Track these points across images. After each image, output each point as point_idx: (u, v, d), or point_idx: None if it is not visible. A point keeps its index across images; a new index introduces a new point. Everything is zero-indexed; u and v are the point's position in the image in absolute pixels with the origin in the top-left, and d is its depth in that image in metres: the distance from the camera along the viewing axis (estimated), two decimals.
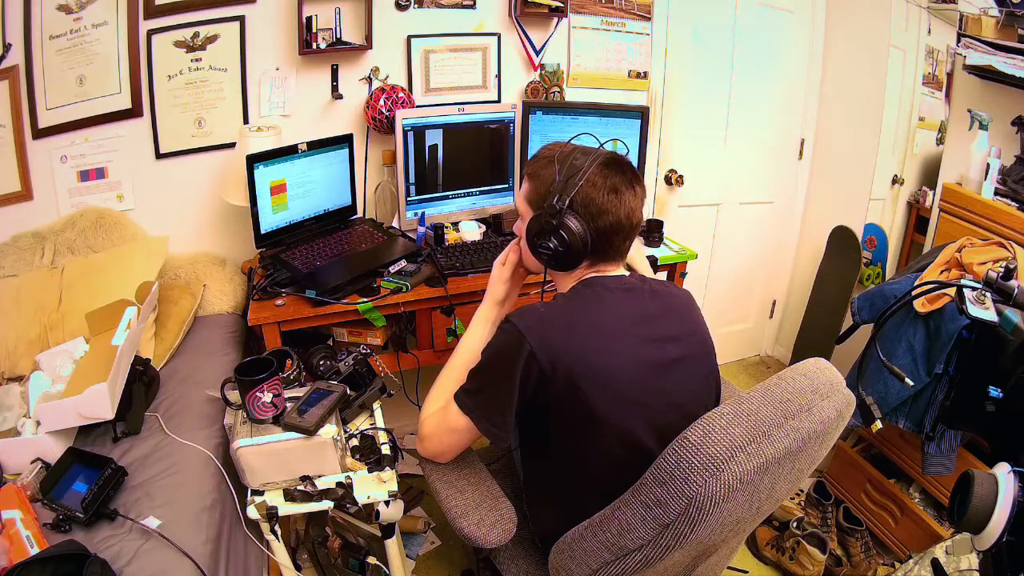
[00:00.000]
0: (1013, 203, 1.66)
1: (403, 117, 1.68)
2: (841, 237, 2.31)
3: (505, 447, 1.33)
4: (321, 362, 1.44)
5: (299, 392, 1.28)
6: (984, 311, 0.93)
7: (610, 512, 0.87)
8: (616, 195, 0.99)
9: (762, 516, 0.98)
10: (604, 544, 0.87)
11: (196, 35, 1.66)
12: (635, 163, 1.60)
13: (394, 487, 1.24)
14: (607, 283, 1.04)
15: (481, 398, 1.01)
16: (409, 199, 1.77)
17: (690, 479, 0.76)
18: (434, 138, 1.74)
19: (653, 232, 1.89)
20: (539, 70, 1.99)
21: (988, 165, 1.71)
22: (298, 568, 1.51)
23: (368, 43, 1.76)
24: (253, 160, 1.50)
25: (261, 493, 1.20)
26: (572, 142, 1.09)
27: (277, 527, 1.23)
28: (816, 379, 0.88)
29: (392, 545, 1.35)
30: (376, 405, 1.40)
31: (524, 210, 1.10)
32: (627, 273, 1.08)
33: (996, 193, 1.71)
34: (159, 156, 1.72)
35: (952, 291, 1.25)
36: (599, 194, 0.99)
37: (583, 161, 1.01)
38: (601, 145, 1.08)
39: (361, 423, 1.35)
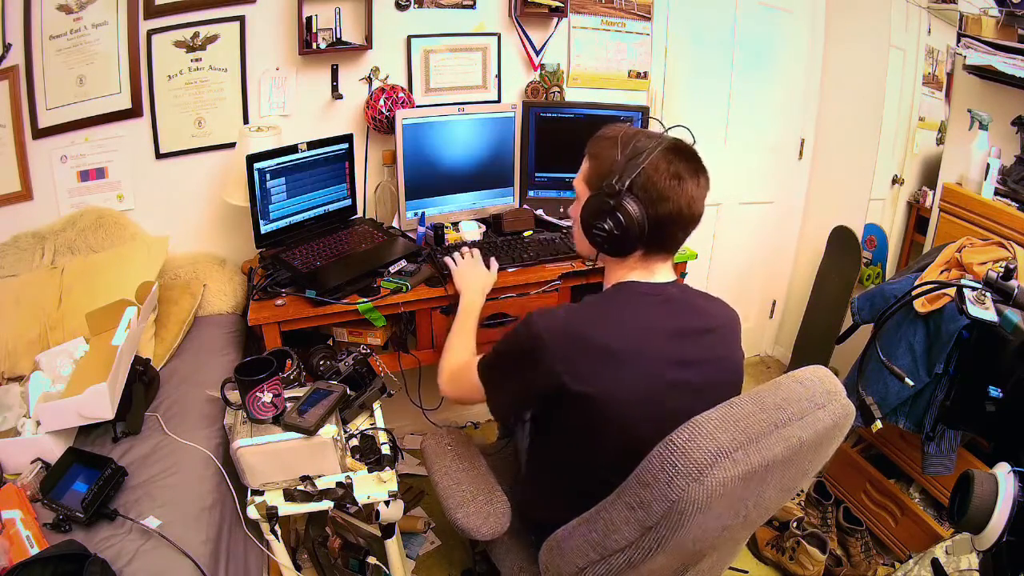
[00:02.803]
0: (1013, 203, 1.66)
1: (403, 117, 1.68)
2: (841, 237, 2.31)
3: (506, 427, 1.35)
4: (321, 362, 1.44)
5: (299, 392, 1.28)
6: (984, 311, 0.93)
7: (596, 511, 0.87)
8: (679, 182, 0.94)
9: (751, 525, 0.97)
10: (590, 543, 0.87)
11: (196, 35, 1.66)
12: None
13: (394, 487, 1.24)
14: (644, 289, 1.00)
15: (496, 379, 1.05)
16: (409, 199, 1.77)
17: (673, 483, 0.75)
18: (434, 138, 1.75)
19: None
20: (539, 70, 1.98)
21: (988, 165, 1.71)
22: (298, 568, 1.51)
23: (368, 43, 1.76)
24: (253, 160, 1.50)
25: (261, 493, 1.20)
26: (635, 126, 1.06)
27: (277, 527, 1.23)
28: (813, 387, 0.86)
29: (392, 545, 1.35)
30: (376, 405, 1.40)
31: (581, 191, 1.06)
32: (670, 280, 1.03)
33: (996, 193, 1.71)
34: (159, 156, 1.72)
35: (952, 291, 1.25)
36: (661, 179, 0.94)
37: (647, 143, 0.97)
38: (667, 130, 1.03)
39: (361, 423, 1.35)
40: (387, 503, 1.23)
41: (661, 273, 1.03)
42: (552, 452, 1.09)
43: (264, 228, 1.57)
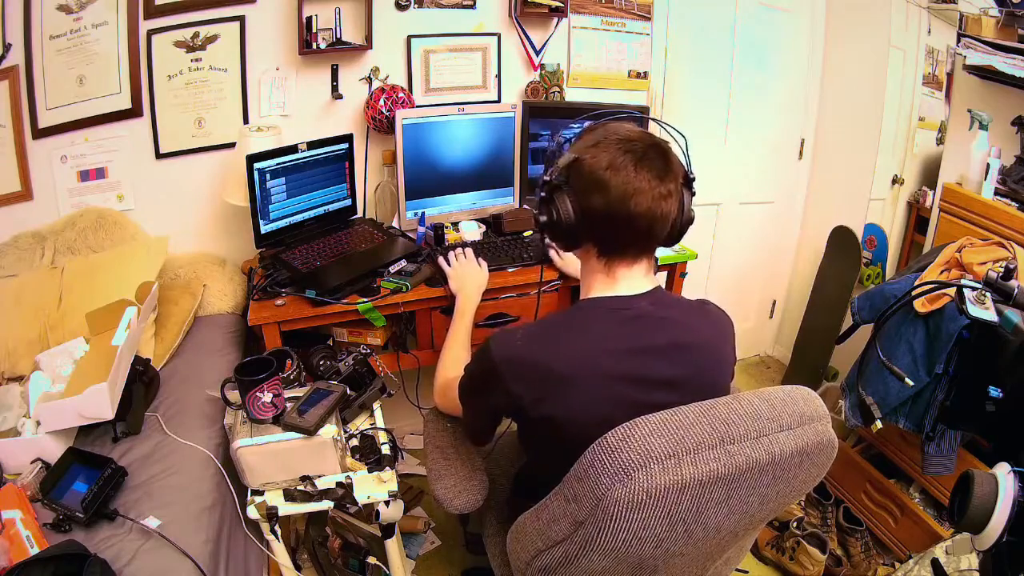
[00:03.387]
0: (1013, 203, 1.66)
1: (403, 117, 1.68)
2: (841, 237, 2.31)
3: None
4: (321, 362, 1.44)
5: (299, 392, 1.28)
6: (984, 311, 0.93)
7: (544, 501, 0.87)
8: (612, 172, 0.87)
9: (709, 553, 0.92)
10: (537, 531, 0.88)
11: (196, 35, 1.66)
12: None
13: (394, 487, 1.24)
14: (609, 305, 0.94)
15: (467, 400, 1.06)
16: (409, 199, 1.77)
17: (600, 480, 0.74)
18: (434, 138, 1.75)
19: None
20: (539, 70, 1.98)
21: (988, 165, 1.71)
22: (298, 568, 1.51)
23: (368, 43, 1.76)
24: (253, 160, 1.50)
25: (261, 493, 1.20)
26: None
27: (277, 527, 1.23)
28: (781, 408, 0.80)
29: (392, 545, 1.35)
30: (376, 405, 1.40)
31: None
32: (645, 290, 0.95)
33: (996, 193, 1.71)
34: (159, 156, 1.72)
35: (952, 291, 1.25)
36: (592, 168, 0.88)
37: (599, 135, 0.92)
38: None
39: (361, 423, 1.35)
40: (387, 503, 1.23)
41: (628, 282, 0.95)
42: (532, 457, 1.10)
43: (264, 228, 1.58)
